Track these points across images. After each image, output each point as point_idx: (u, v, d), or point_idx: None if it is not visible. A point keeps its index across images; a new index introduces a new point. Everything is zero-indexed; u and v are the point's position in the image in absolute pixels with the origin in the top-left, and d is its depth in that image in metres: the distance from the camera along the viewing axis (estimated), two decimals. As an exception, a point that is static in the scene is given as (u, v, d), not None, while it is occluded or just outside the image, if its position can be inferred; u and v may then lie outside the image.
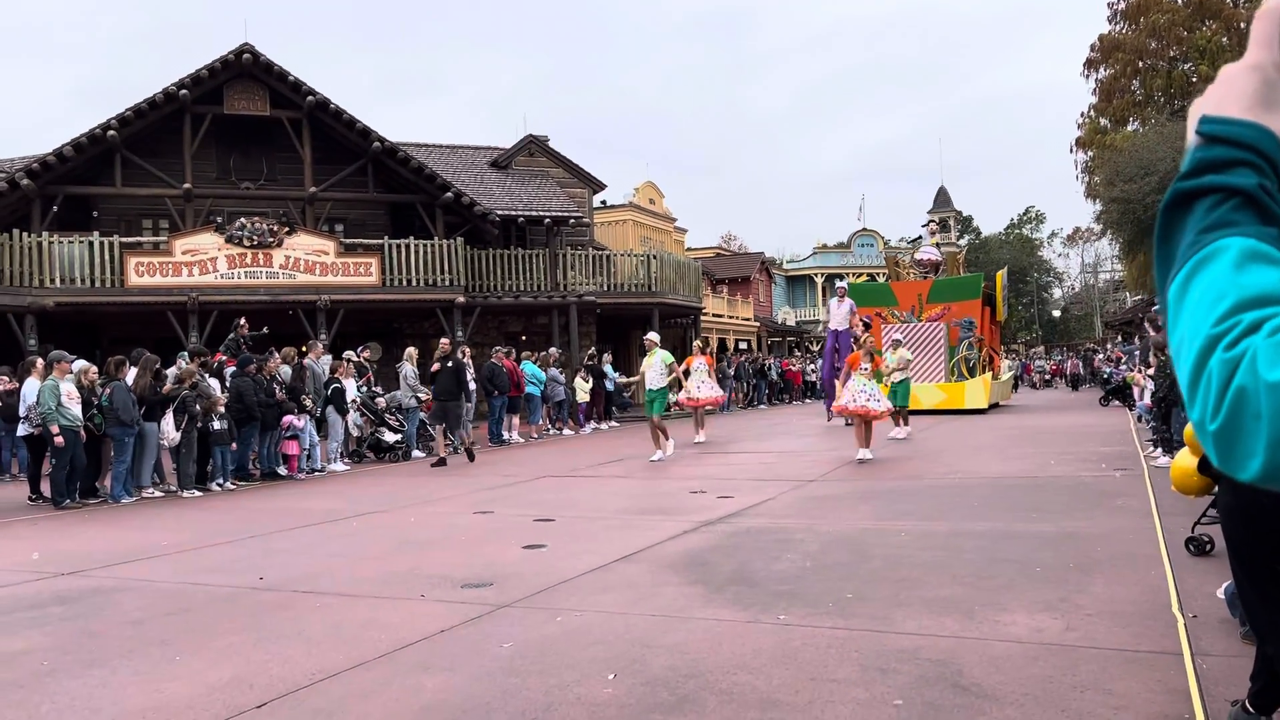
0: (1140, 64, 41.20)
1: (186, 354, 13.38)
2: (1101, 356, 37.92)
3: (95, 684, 4.36)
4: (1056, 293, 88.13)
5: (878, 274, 47.50)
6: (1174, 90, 39.70)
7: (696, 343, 18.05)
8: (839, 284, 22.11)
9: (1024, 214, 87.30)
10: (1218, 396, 0.81)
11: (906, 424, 16.44)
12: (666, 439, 14.12)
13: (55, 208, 21.79)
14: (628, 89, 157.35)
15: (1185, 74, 39.58)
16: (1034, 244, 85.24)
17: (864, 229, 61.55)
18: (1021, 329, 78.38)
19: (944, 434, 16.75)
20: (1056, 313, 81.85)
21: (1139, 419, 16.45)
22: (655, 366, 14.56)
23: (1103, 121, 42.81)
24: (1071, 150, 44.65)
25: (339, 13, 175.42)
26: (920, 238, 29.93)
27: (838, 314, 20.58)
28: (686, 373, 16.80)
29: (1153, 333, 12.88)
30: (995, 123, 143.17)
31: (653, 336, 15.20)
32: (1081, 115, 44.41)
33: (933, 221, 29.49)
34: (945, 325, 23.90)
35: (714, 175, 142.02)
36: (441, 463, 14.67)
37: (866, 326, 23.33)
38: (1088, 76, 43.28)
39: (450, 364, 15.24)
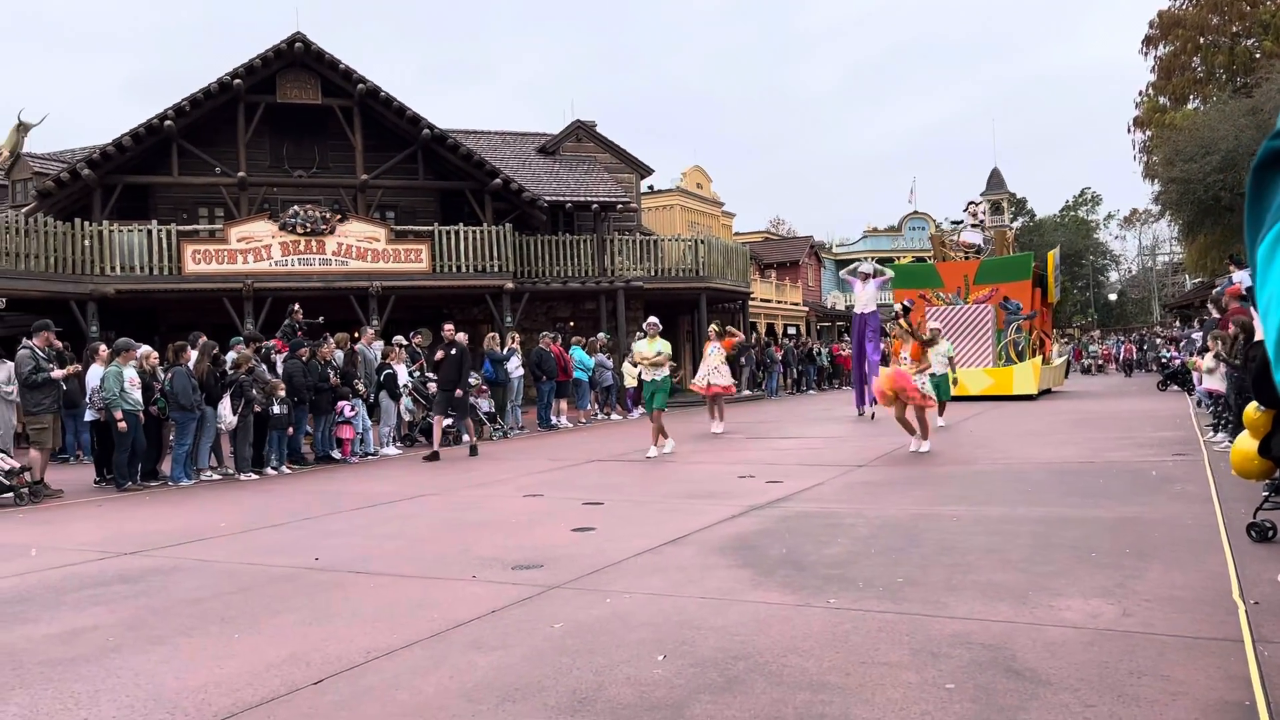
0: (1201, 40, 40.16)
1: (241, 340, 13.60)
2: (1162, 339, 37.11)
3: (158, 660, 4.48)
4: (1113, 276, 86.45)
5: (928, 258, 46.85)
6: (1236, 67, 38.63)
7: (712, 326, 16.55)
8: (862, 266, 19.31)
9: (1079, 196, 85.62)
10: None
11: (940, 413, 15.04)
12: (665, 438, 12.96)
13: (115, 197, 22.29)
14: (674, 73, 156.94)
15: (1248, 50, 38.50)
16: (1090, 226, 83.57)
17: (915, 212, 60.78)
18: (1077, 313, 76.98)
19: (996, 419, 16.53)
20: (1113, 296, 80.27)
21: (1198, 403, 16.11)
22: (666, 358, 13.22)
23: (1162, 100, 41.81)
24: (1129, 130, 43.73)
25: (382, 2, 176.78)
26: (961, 222, 29.01)
27: (863, 295, 18.50)
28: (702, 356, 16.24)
29: (1216, 314, 12.50)
30: (1049, 103, 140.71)
31: (654, 321, 13.74)
32: (1139, 94, 43.43)
33: (973, 204, 28.20)
34: (993, 308, 23.13)
35: (762, 159, 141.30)
36: (473, 451, 14.16)
37: (907, 310, 22.28)
38: (1146, 54, 42.31)
39: (454, 351, 14.38)
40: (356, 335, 16.37)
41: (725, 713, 3.54)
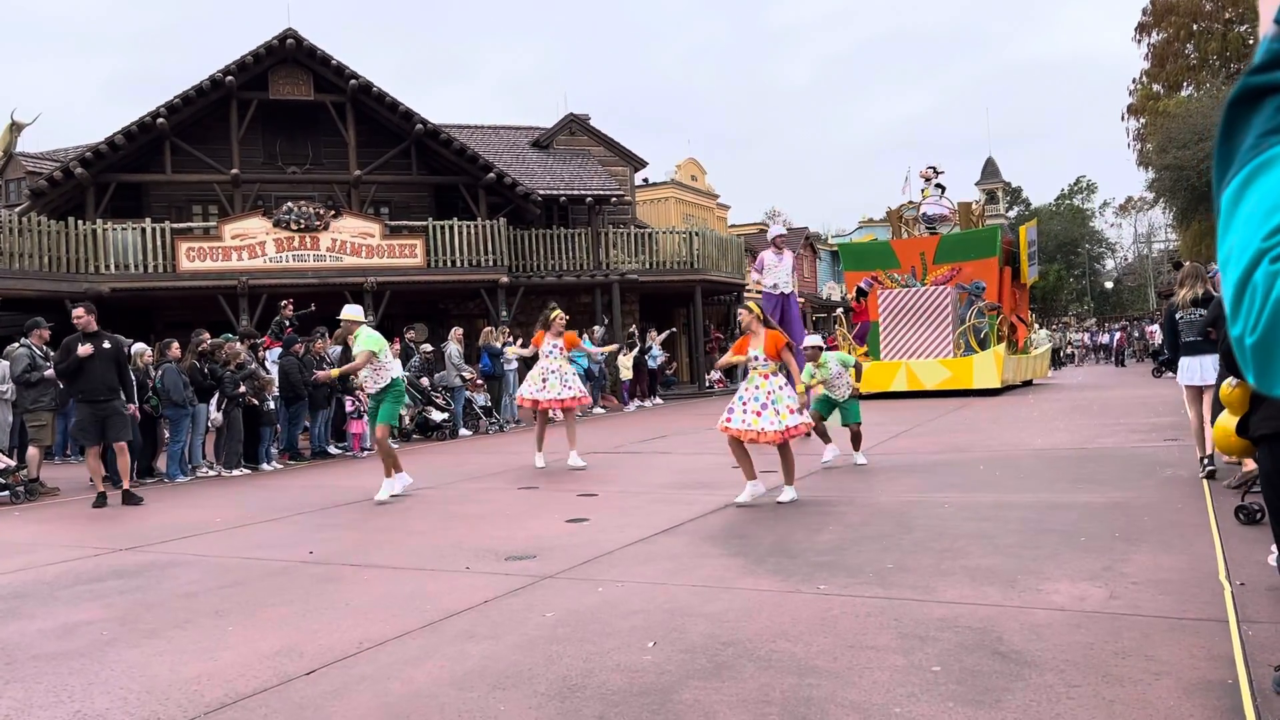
0: (1195, 26, 40.20)
1: (233, 336, 13.60)
2: (1154, 328, 37.13)
3: (152, 653, 4.51)
4: (1109, 264, 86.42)
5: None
6: (1230, 53, 38.66)
7: (549, 311, 11.61)
8: (774, 229, 15.19)
9: (1074, 184, 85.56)
10: (1259, 309, 0.77)
11: (857, 447, 10.13)
12: (397, 470, 9.38)
13: (108, 196, 22.26)
14: (658, 68, 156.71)
15: (1241, 36, 38.50)
16: (1085, 214, 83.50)
17: (910, 201, 60.62)
18: (1073, 301, 76.99)
19: (988, 408, 16.57)
20: (1109, 284, 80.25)
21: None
22: (362, 356, 9.32)
23: (1155, 87, 41.88)
24: (1123, 117, 43.84)
25: (359, 2, 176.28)
26: (923, 189, 24.78)
27: (777, 271, 14.15)
28: (535, 356, 11.49)
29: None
30: (1042, 91, 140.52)
31: (352, 311, 9.64)
32: (1133, 81, 43.49)
33: (929, 168, 24.62)
34: (953, 290, 20.53)
35: (757, 151, 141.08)
36: (101, 501, 9.90)
37: (862, 294, 20.71)
38: (1139, 41, 42.37)
39: (108, 345, 10.16)
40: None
41: (713, 697, 3.57)
